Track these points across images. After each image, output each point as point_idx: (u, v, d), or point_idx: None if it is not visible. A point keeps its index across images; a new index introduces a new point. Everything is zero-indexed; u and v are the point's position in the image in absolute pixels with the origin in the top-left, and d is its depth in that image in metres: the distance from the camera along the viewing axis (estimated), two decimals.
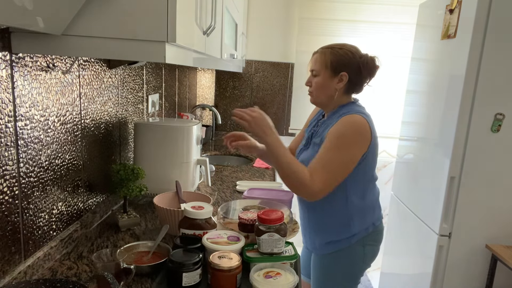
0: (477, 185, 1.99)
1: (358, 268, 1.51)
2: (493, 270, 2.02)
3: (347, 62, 1.42)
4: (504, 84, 1.90)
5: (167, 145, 1.66)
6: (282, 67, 3.41)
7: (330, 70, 1.42)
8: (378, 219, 1.52)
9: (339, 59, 1.42)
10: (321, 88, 1.46)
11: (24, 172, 1.00)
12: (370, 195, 1.49)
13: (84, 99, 1.29)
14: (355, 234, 1.46)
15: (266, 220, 1.13)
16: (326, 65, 1.42)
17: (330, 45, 1.47)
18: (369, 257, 1.51)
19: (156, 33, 0.88)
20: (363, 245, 1.48)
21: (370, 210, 1.49)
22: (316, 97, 1.49)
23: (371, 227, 1.49)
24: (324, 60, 1.43)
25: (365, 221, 1.47)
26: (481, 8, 1.83)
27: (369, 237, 1.48)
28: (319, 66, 1.44)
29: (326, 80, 1.44)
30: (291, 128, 3.45)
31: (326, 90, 1.45)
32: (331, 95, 1.46)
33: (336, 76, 1.43)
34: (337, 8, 3.21)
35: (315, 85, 1.46)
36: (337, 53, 1.42)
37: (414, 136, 2.49)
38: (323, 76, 1.44)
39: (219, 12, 1.53)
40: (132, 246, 1.21)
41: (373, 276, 3.23)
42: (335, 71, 1.42)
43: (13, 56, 0.93)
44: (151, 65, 1.93)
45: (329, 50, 1.43)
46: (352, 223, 1.45)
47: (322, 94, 1.47)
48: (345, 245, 1.47)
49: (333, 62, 1.42)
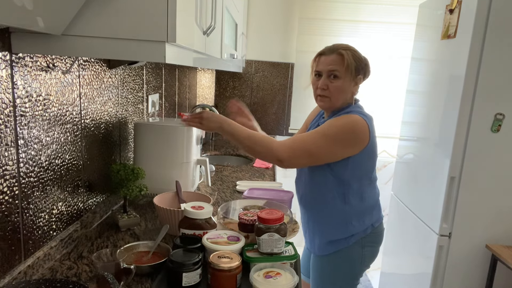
0: (477, 185, 1.99)
1: (356, 269, 1.50)
2: (493, 270, 2.02)
3: (363, 65, 1.40)
4: (504, 84, 1.90)
5: (167, 145, 1.66)
6: (282, 67, 3.41)
7: (351, 73, 1.37)
8: (377, 221, 1.51)
9: (360, 62, 1.38)
10: (342, 93, 1.39)
11: (24, 172, 1.00)
12: (369, 197, 1.47)
13: (84, 99, 1.29)
14: (354, 235, 1.45)
15: (266, 220, 1.13)
16: (351, 69, 1.36)
17: (346, 46, 1.40)
18: (368, 258, 1.50)
19: (156, 33, 0.88)
20: (362, 246, 1.47)
21: (369, 211, 1.48)
22: (334, 102, 1.41)
23: (370, 228, 1.48)
24: (348, 62, 1.36)
25: (364, 222, 1.46)
26: (481, 8, 1.83)
27: (368, 238, 1.47)
28: (340, 68, 1.36)
29: (347, 84, 1.38)
30: (291, 128, 3.45)
31: (346, 94, 1.40)
32: (347, 99, 1.42)
33: (354, 80, 1.39)
34: (337, 8, 3.21)
35: (335, 89, 1.37)
36: (357, 57, 1.38)
37: (414, 136, 2.49)
38: (345, 80, 1.37)
39: (219, 12, 1.53)
40: (132, 246, 1.21)
41: (373, 276, 3.23)
42: (356, 74, 1.38)
43: (13, 56, 0.93)
44: (151, 65, 1.93)
45: (351, 52, 1.37)
46: (351, 224, 1.44)
47: (341, 99, 1.40)
48: (343, 246, 1.46)
49: (356, 65, 1.37)
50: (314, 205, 1.50)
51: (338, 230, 1.46)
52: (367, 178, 1.46)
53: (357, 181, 1.43)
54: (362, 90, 1.53)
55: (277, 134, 3.50)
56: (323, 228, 1.50)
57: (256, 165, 2.52)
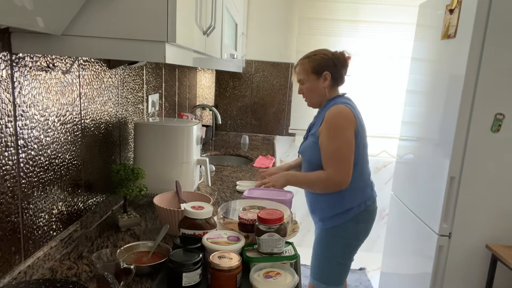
0: (477, 185, 1.99)
1: (352, 243, 1.75)
2: (493, 270, 2.02)
3: (324, 63, 1.68)
4: (504, 84, 1.90)
5: (167, 145, 1.66)
6: (282, 67, 3.41)
7: (313, 74, 1.69)
8: (370, 199, 1.74)
9: (317, 63, 1.68)
10: (312, 92, 1.73)
11: (24, 172, 1.00)
12: (358, 175, 1.68)
13: (84, 99, 1.29)
14: (348, 210, 1.69)
15: (266, 220, 1.13)
16: (308, 72, 1.70)
17: (305, 56, 1.74)
18: (362, 234, 1.75)
19: (156, 33, 0.88)
20: (356, 222, 1.71)
21: (361, 188, 1.71)
22: (310, 100, 1.77)
23: (363, 205, 1.71)
24: (305, 68, 1.70)
25: (356, 198, 1.70)
26: (481, 8, 1.83)
27: (362, 215, 1.71)
28: (303, 75, 1.72)
29: (313, 83, 1.71)
30: (291, 128, 3.45)
31: (317, 91, 1.72)
32: (322, 94, 1.72)
33: (321, 77, 1.69)
34: (337, 8, 3.21)
35: (306, 90, 1.74)
36: (314, 59, 1.69)
37: (414, 136, 2.49)
38: (309, 81, 1.71)
39: (219, 12, 1.53)
40: (132, 246, 1.21)
41: (373, 276, 3.23)
42: (318, 74, 1.69)
43: (13, 56, 0.93)
44: (151, 65, 1.93)
45: (307, 60, 1.71)
46: (344, 200, 1.68)
47: (314, 96, 1.74)
48: (340, 222, 1.70)
49: (313, 67, 1.68)
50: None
51: (334, 205, 1.70)
52: (357, 159, 1.66)
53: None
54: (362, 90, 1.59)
55: (277, 134, 3.50)
56: (322, 205, 1.75)
57: (256, 165, 2.52)
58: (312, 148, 1.70)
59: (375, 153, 3.32)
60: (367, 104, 3.17)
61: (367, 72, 3.20)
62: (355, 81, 1.67)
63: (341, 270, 1.78)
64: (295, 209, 1.58)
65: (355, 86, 1.74)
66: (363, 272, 3.31)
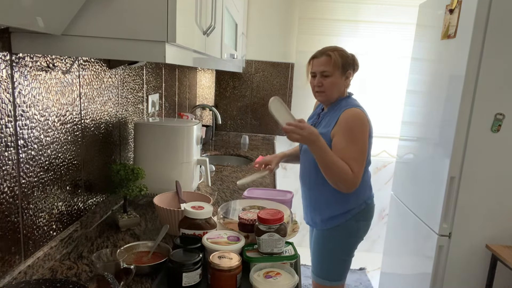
0: (477, 185, 1.99)
1: (352, 241, 1.76)
2: (493, 270, 2.01)
3: (350, 62, 1.66)
4: (504, 84, 1.90)
5: (167, 145, 1.66)
6: (282, 67, 3.41)
7: (340, 70, 1.64)
8: (369, 198, 1.75)
9: (345, 60, 1.64)
10: (335, 87, 1.66)
11: (24, 172, 1.00)
12: (364, 176, 1.66)
13: (84, 99, 1.29)
14: (350, 210, 1.69)
15: (266, 220, 1.13)
16: (338, 66, 1.62)
17: (333, 48, 1.66)
18: (362, 231, 1.76)
19: (156, 33, 0.88)
20: (356, 220, 1.71)
21: (363, 189, 1.70)
22: (330, 95, 1.68)
23: (364, 204, 1.71)
24: (335, 61, 1.62)
25: (359, 198, 1.69)
26: (481, 8, 1.83)
27: (362, 213, 1.72)
28: (330, 67, 1.62)
29: (338, 79, 1.65)
30: None
31: (338, 88, 1.67)
32: (341, 92, 1.69)
33: (344, 75, 1.66)
34: (337, 8, 3.21)
35: (329, 84, 1.64)
36: (343, 55, 1.64)
37: (414, 136, 2.49)
38: (336, 76, 1.64)
39: (219, 12, 1.53)
40: (132, 246, 1.21)
41: (373, 276, 3.23)
42: (343, 71, 1.65)
43: (13, 56, 0.93)
44: (151, 65, 1.93)
45: (337, 53, 1.63)
46: (348, 201, 1.67)
47: (335, 92, 1.67)
48: (341, 221, 1.70)
49: (343, 63, 1.63)
50: (316, 185, 1.72)
51: (337, 206, 1.69)
52: (366, 161, 1.63)
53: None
54: (362, 90, 1.60)
55: (277, 134, 3.50)
56: (323, 206, 1.73)
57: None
58: None
59: (375, 153, 3.32)
60: (367, 104, 3.15)
61: (367, 72, 3.20)
62: (355, 81, 1.67)
63: (343, 266, 1.79)
64: (295, 209, 1.58)
65: (355, 86, 1.74)
66: (363, 272, 3.30)
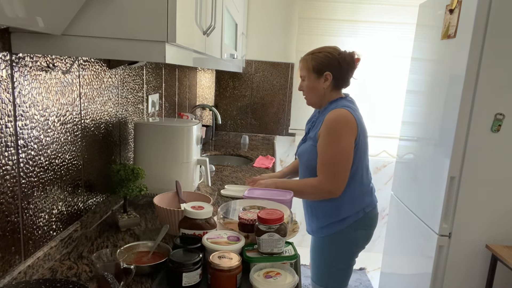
0: (477, 185, 1.99)
1: (350, 250, 1.70)
2: (493, 270, 2.01)
3: (327, 62, 1.61)
4: (504, 84, 1.90)
5: (167, 145, 1.66)
6: (282, 67, 3.41)
7: (314, 73, 1.63)
8: (369, 206, 1.68)
9: (320, 61, 1.62)
10: (311, 90, 1.67)
11: (24, 172, 1.00)
12: (359, 183, 1.63)
13: (84, 99, 1.29)
14: (346, 218, 1.63)
15: (266, 220, 1.13)
16: (309, 70, 1.64)
17: (310, 52, 1.67)
18: (361, 241, 1.70)
19: (156, 33, 0.88)
20: (354, 229, 1.65)
21: (359, 196, 1.65)
22: (309, 99, 1.71)
23: (362, 212, 1.65)
24: (307, 65, 1.64)
25: (355, 207, 1.64)
26: (481, 8, 1.83)
27: (361, 222, 1.66)
28: (305, 72, 1.65)
29: (313, 82, 1.65)
30: (291, 128, 3.45)
31: (316, 91, 1.66)
32: (321, 94, 1.66)
33: (321, 77, 1.63)
34: (337, 8, 3.21)
35: (305, 88, 1.68)
36: (317, 57, 1.62)
37: (414, 136, 2.49)
38: (309, 80, 1.65)
39: (219, 12, 1.53)
40: (132, 246, 1.21)
41: (373, 276, 3.23)
42: (319, 73, 1.63)
43: (13, 56, 0.93)
44: (151, 65, 1.93)
45: (310, 56, 1.64)
46: (343, 208, 1.63)
47: (313, 95, 1.68)
48: (337, 229, 1.65)
49: (315, 66, 1.62)
50: None
51: (331, 214, 1.65)
52: (355, 166, 1.60)
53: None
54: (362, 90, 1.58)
55: (277, 134, 3.50)
56: (318, 213, 1.70)
57: (256, 165, 2.52)
58: (310, 152, 1.64)
59: (375, 153, 3.32)
60: (367, 104, 3.17)
61: (367, 72, 3.20)
62: (355, 81, 1.66)
63: (342, 274, 1.74)
64: (295, 209, 1.58)
65: (355, 86, 1.73)
66: (363, 272, 3.31)
